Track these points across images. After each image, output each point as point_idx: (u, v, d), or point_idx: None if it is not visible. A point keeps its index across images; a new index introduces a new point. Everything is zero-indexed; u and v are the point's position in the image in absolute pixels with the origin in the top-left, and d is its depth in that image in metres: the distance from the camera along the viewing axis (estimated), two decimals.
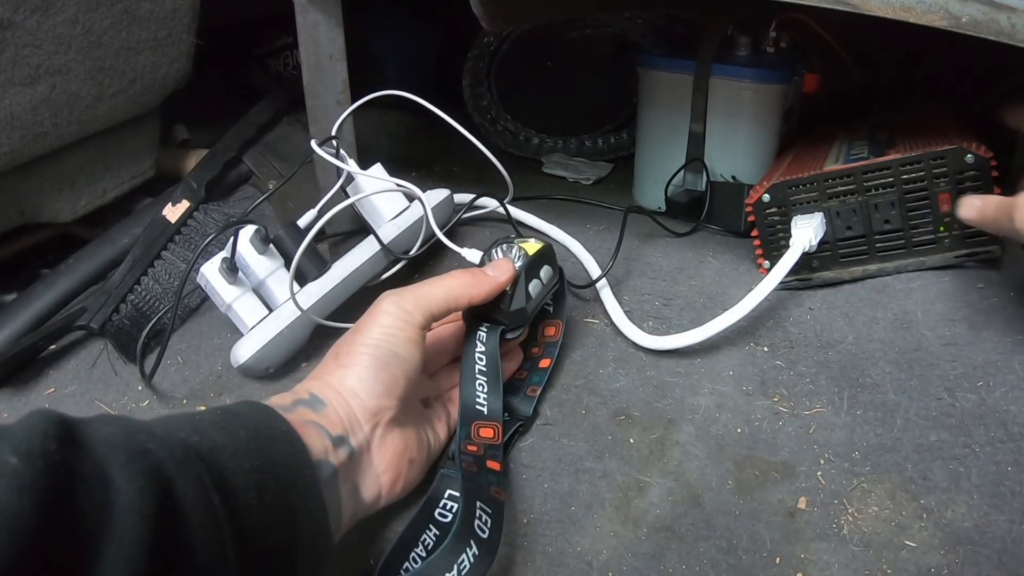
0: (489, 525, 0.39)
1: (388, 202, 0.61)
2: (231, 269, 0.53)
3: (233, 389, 0.54)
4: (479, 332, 0.47)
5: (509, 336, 0.48)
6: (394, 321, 0.41)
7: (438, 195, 0.65)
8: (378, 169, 0.61)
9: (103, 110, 0.65)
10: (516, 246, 0.49)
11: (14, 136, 0.57)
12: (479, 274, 0.46)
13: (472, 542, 0.38)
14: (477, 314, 0.47)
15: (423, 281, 0.45)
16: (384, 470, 0.40)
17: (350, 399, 0.39)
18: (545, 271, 0.50)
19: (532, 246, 0.50)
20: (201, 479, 0.28)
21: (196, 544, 0.27)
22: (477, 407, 0.45)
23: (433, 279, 0.45)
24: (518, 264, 0.48)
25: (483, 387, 0.45)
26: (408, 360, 0.41)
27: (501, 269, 0.47)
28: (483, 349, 0.46)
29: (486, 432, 0.44)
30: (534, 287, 0.48)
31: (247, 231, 0.54)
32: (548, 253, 0.51)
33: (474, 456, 0.43)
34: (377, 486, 0.40)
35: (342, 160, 0.58)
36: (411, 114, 0.97)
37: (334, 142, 0.58)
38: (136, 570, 0.24)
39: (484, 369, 0.46)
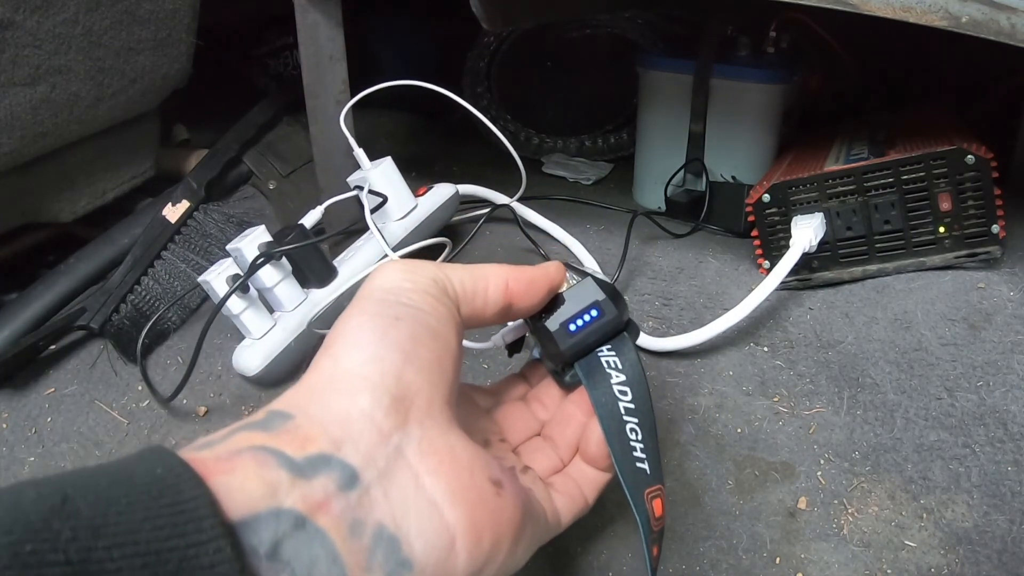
0: None
1: (395, 204, 0.61)
2: (243, 288, 0.51)
3: (233, 389, 0.54)
4: (602, 357, 0.30)
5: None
6: (399, 280, 0.27)
7: (445, 190, 0.65)
8: (388, 163, 0.61)
9: (103, 110, 0.65)
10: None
11: (14, 136, 0.57)
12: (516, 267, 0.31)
13: None
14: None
15: None
16: (445, 496, 0.23)
17: (345, 392, 0.23)
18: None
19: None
20: None
21: None
22: (638, 466, 0.30)
23: None
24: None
25: (636, 434, 0.30)
26: (430, 315, 0.26)
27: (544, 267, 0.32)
28: (623, 379, 0.30)
29: (659, 506, 0.31)
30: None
31: (257, 236, 0.53)
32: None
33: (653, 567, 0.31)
34: (439, 527, 0.22)
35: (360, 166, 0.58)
36: (410, 114, 0.97)
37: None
38: None
39: (632, 407, 0.30)
